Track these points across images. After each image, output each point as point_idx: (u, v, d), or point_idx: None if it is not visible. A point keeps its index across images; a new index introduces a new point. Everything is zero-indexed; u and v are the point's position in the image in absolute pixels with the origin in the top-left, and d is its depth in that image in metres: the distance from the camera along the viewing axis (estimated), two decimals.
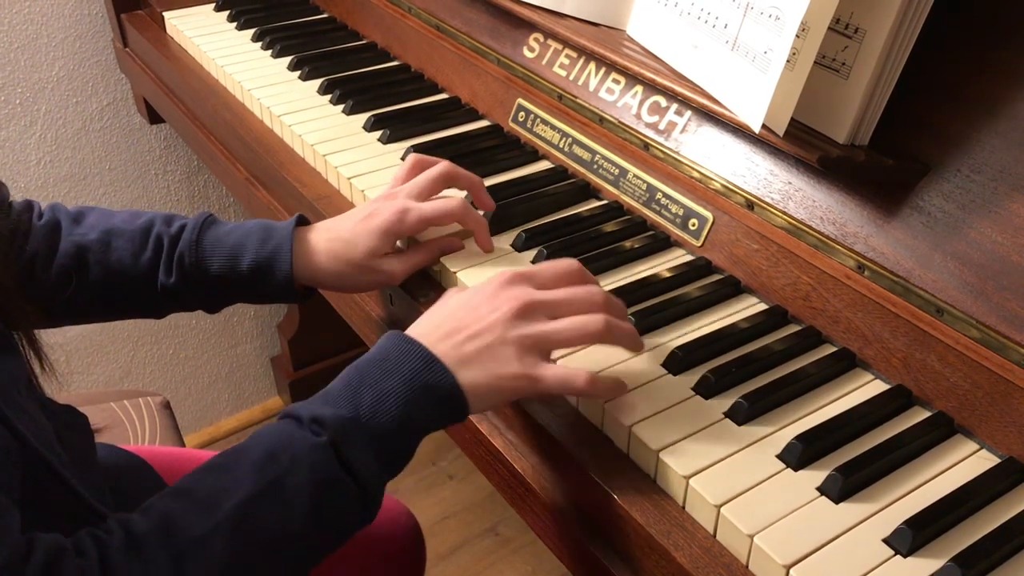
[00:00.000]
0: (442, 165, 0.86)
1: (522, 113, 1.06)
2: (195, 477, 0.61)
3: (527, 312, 0.68)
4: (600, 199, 0.96)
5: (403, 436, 0.64)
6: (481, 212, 0.90)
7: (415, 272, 0.86)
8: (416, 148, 1.03)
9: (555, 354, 0.74)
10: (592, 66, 1.01)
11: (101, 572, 0.53)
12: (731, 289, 0.83)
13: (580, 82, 1.01)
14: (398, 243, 0.86)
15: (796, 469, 0.65)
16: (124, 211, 0.86)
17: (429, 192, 0.85)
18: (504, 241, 0.89)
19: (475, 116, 1.12)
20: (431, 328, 0.68)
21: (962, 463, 0.67)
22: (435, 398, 0.64)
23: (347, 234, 0.83)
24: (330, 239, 0.84)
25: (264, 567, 0.59)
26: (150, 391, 1.24)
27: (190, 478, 0.61)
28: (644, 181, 0.92)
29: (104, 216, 0.85)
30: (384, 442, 0.63)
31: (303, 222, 0.86)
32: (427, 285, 0.87)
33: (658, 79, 0.88)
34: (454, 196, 0.88)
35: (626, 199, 0.94)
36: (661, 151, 0.92)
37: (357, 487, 0.62)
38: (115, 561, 0.54)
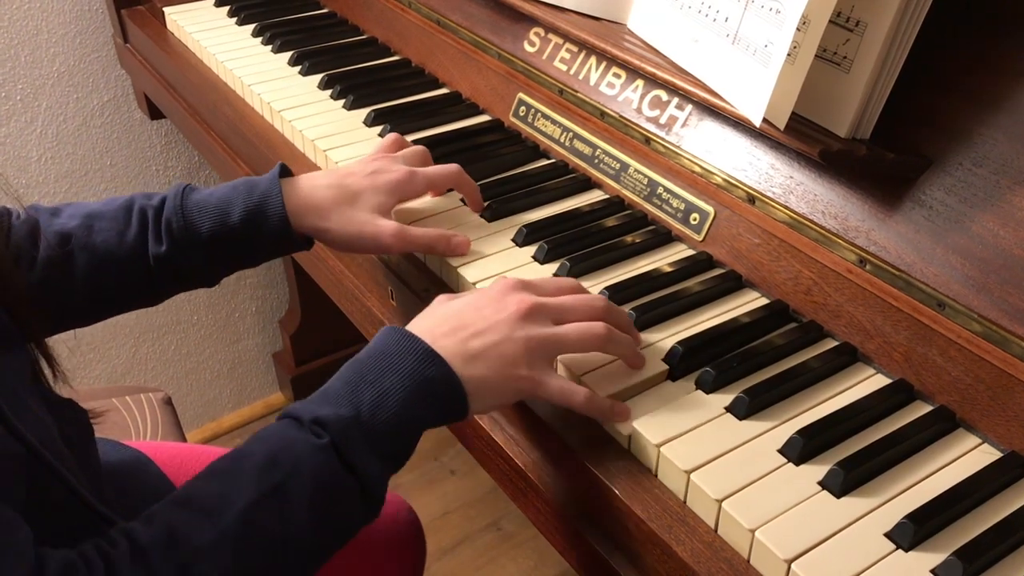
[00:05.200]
0: (453, 167, 0.90)
1: (523, 108, 1.06)
2: (197, 483, 0.60)
3: (534, 314, 0.68)
4: (601, 194, 0.96)
5: (404, 433, 0.63)
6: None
7: (408, 255, 0.88)
8: (417, 143, 1.03)
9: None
10: (593, 60, 1.01)
11: None
12: (732, 284, 0.83)
13: (581, 76, 1.01)
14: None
15: (797, 464, 0.65)
16: (101, 200, 0.85)
17: (437, 178, 0.89)
18: (505, 237, 0.89)
19: (476, 111, 1.12)
20: (434, 325, 0.67)
21: (963, 457, 0.67)
22: (436, 393, 0.64)
23: (354, 186, 0.83)
24: (329, 184, 0.83)
25: (269, 571, 0.59)
26: (152, 387, 1.24)
27: (192, 484, 0.60)
28: (645, 175, 0.92)
29: (82, 205, 0.84)
30: (385, 440, 0.62)
31: (286, 172, 0.85)
32: (426, 279, 0.87)
33: (659, 73, 0.88)
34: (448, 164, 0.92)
35: (627, 194, 0.94)
36: (662, 145, 0.92)
37: (360, 487, 0.61)
38: (121, 574, 0.54)
